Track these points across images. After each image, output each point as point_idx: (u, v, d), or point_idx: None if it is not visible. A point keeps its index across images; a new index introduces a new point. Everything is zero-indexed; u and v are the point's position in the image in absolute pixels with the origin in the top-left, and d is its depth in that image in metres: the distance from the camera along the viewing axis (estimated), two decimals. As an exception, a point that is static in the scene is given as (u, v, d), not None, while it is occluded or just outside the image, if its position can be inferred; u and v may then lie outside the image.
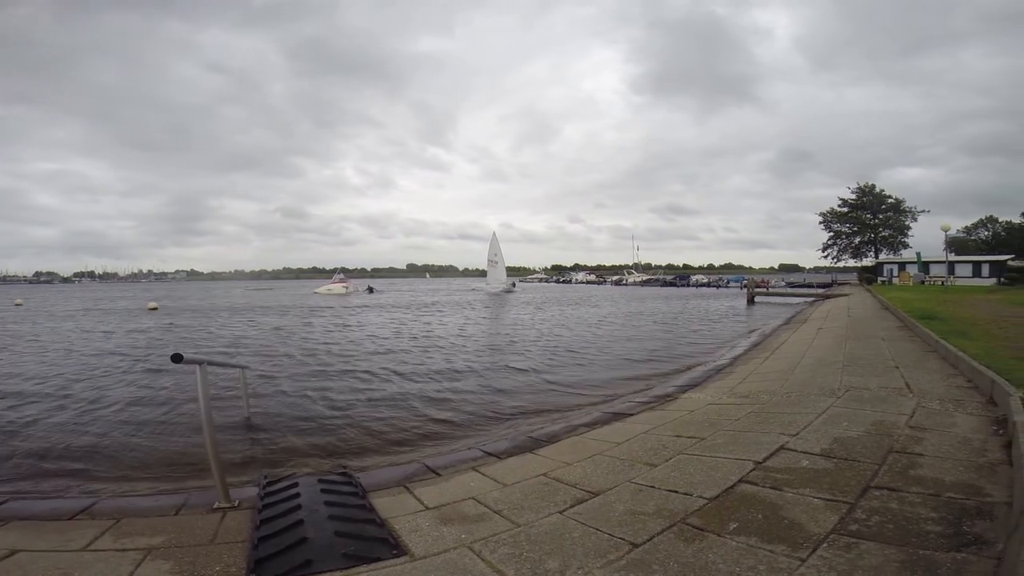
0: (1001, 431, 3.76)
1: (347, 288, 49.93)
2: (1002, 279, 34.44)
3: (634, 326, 19.62)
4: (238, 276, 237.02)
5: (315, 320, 23.24)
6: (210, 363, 4.20)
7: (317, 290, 50.70)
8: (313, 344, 14.79)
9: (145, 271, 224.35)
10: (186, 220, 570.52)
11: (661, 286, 66.48)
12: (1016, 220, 52.67)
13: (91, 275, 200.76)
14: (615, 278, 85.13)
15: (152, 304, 34.85)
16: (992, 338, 8.24)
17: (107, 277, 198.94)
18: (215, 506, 3.46)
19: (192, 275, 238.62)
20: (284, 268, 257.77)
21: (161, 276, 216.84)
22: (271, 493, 3.61)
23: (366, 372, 10.27)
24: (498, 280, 51.70)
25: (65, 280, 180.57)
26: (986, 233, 55.37)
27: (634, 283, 72.87)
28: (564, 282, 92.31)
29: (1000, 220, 55.46)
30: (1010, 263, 38.01)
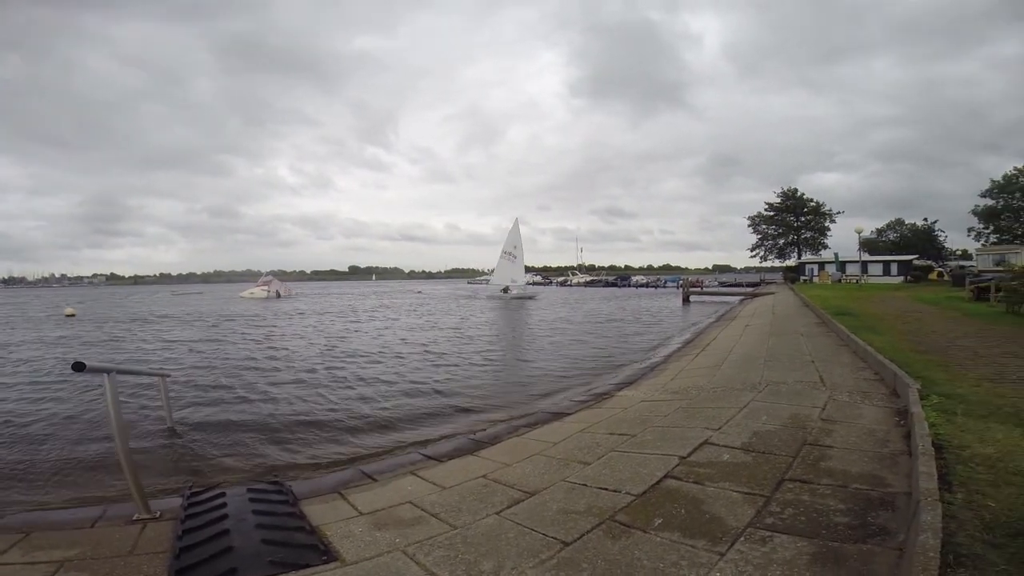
0: (903, 422, 4.02)
1: (267, 292, 49.35)
2: (908, 277, 37.76)
3: (579, 326, 19.91)
4: (164, 280, 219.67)
5: (228, 327, 21.63)
6: (121, 371, 4.06)
7: (242, 294, 50.38)
8: (237, 353, 14.00)
9: (58, 275, 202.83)
10: (102, 220, 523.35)
11: (604, 286, 67.79)
12: (920, 223, 58.00)
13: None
14: (560, 279, 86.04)
15: (69, 310, 31.88)
16: (896, 333, 8.93)
17: (13, 282, 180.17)
18: (134, 518, 3.34)
19: (112, 279, 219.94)
20: (215, 271, 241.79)
21: (77, 280, 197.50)
22: (195, 503, 3.51)
23: (298, 381, 9.78)
24: (512, 280, 40.77)
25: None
26: (895, 235, 60.35)
27: (579, 284, 73.98)
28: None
29: (907, 223, 60.80)
30: (915, 262, 41.82)
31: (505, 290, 40.10)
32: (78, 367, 3.27)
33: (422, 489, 3.73)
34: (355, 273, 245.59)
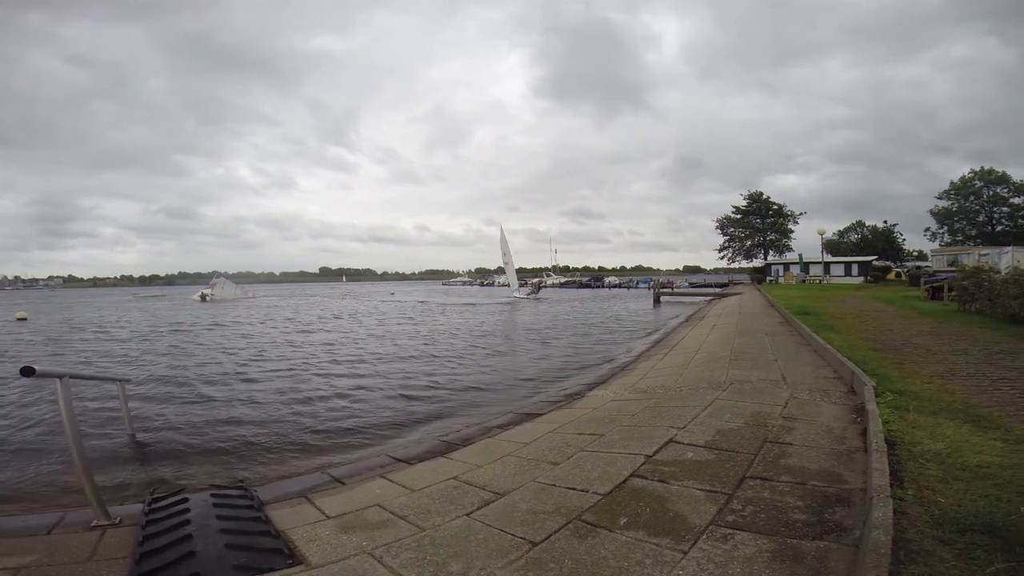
0: (859, 419, 4.13)
1: (207, 295, 49.81)
2: (868, 277, 39.17)
3: (556, 327, 20.15)
4: (125, 282, 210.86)
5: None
6: (74, 376, 3.90)
7: (194, 296, 51.42)
8: (200, 359, 13.60)
9: (11, 278, 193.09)
10: (52, 221, 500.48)
11: (578, 288, 68.38)
12: (880, 225, 60.32)
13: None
14: (535, 280, 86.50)
15: (20, 314, 30.30)
16: (855, 331, 9.21)
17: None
18: (92, 524, 3.26)
19: (70, 281, 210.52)
20: (179, 272, 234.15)
21: (31, 283, 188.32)
22: (157, 509, 3.46)
23: (265, 386, 9.55)
24: (515, 282, 44.22)
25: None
26: (855, 236, 62.48)
27: (553, 285, 74.30)
28: (487, 284, 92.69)
29: (867, 224, 63.03)
30: (875, 263, 43.38)
31: (536, 289, 43.45)
32: (27, 371, 3.17)
33: (391, 492, 3.69)
34: (326, 275, 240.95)
